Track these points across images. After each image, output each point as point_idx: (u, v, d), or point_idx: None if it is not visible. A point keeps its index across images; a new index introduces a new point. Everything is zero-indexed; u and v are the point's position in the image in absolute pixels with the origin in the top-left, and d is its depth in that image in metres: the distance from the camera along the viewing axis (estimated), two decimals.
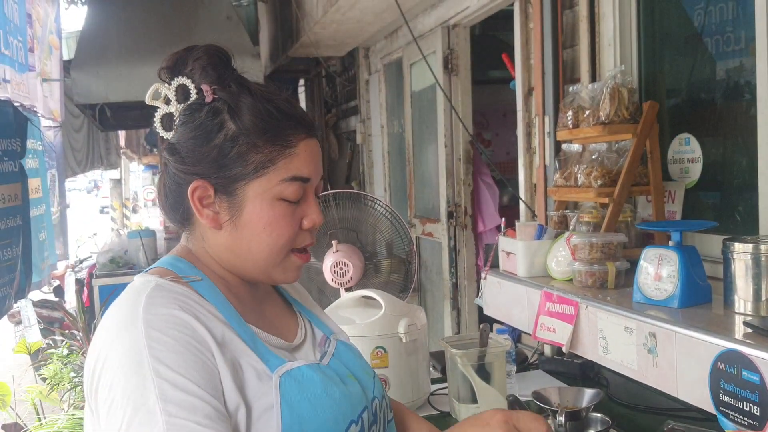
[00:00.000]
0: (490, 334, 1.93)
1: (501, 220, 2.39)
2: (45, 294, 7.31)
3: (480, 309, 2.55)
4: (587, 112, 2.06)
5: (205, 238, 1.07)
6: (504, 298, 2.21)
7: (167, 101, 1.03)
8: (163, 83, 1.04)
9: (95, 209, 24.21)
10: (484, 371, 1.86)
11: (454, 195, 3.79)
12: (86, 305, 5.18)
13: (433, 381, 2.14)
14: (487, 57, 4.00)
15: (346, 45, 5.09)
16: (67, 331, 4.91)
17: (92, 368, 0.94)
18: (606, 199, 1.98)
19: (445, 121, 3.75)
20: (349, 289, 2.38)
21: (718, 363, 1.35)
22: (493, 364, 1.87)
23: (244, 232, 1.03)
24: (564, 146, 2.25)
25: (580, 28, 2.43)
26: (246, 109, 1.02)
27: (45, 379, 4.48)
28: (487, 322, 1.99)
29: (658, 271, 1.65)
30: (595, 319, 1.74)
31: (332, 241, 2.43)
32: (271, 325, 1.10)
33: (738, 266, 1.51)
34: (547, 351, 2.40)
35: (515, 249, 2.15)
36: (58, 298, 7.28)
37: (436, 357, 2.38)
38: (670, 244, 1.67)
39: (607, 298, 1.76)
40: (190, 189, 1.03)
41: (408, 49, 4.21)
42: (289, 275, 1.09)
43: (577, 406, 1.70)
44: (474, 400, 1.83)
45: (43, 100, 4.05)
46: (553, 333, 1.89)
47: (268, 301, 1.16)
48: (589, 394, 1.73)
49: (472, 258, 3.85)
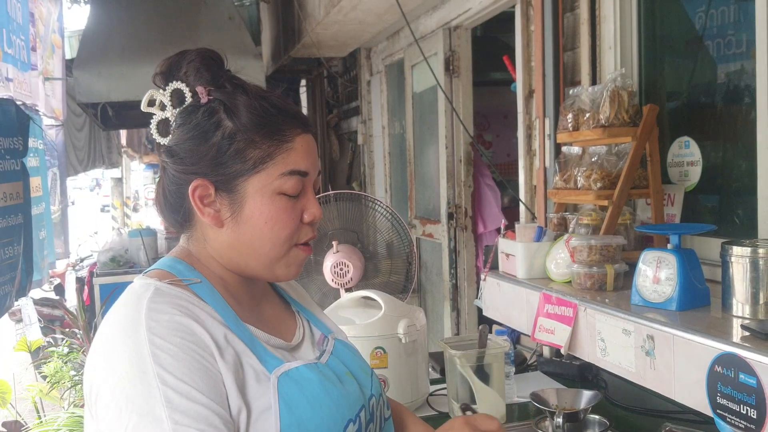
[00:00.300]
0: (489, 336, 1.93)
1: (504, 221, 2.39)
2: (45, 292, 7.33)
3: (479, 310, 2.56)
4: (587, 115, 2.06)
5: (207, 238, 1.07)
6: (503, 300, 2.22)
7: (162, 107, 1.04)
8: (158, 89, 1.05)
9: (97, 207, 24.20)
10: (482, 372, 1.86)
11: (454, 196, 3.80)
12: (87, 304, 5.19)
13: (432, 382, 2.15)
14: (488, 59, 4.01)
15: (348, 46, 5.10)
16: (68, 330, 4.90)
17: (94, 374, 0.95)
18: (605, 202, 1.98)
19: (446, 123, 3.75)
20: (349, 290, 2.39)
21: (716, 366, 1.36)
22: (492, 366, 1.87)
23: (246, 228, 1.04)
24: (564, 149, 2.26)
25: (581, 30, 2.43)
26: (242, 107, 1.03)
27: (45, 377, 4.48)
28: (486, 324, 1.99)
29: (657, 274, 1.65)
30: (594, 321, 1.74)
31: (332, 242, 2.43)
32: (270, 325, 1.10)
33: (736, 269, 1.51)
34: (546, 352, 2.41)
35: (515, 251, 2.16)
36: (58, 297, 7.29)
37: (436, 358, 2.38)
38: (669, 247, 1.68)
39: (606, 301, 1.76)
40: (190, 189, 1.03)
41: (409, 51, 4.22)
42: (291, 270, 1.09)
43: (575, 408, 1.70)
44: (473, 401, 1.84)
45: (46, 99, 4.06)
46: (552, 335, 1.90)
47: (267, 300, 1.16)
48: (587, 396, 1.74)
49: (472, 259, 3.85)
